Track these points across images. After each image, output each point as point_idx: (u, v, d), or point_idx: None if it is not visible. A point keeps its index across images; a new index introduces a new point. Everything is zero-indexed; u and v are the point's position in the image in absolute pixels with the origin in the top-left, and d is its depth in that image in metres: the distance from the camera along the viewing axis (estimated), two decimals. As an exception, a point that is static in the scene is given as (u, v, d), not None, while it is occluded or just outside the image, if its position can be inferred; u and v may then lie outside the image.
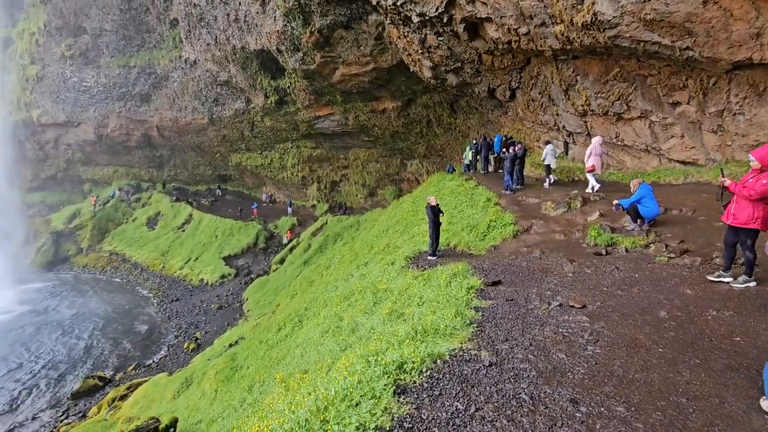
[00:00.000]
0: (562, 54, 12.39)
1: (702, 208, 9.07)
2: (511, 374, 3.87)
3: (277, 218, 38.01)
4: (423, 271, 9.12)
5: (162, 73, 37.42)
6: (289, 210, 38.49)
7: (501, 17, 12.38)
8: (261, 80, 28.95)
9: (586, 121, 14.08)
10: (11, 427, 16.88)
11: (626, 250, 7.77)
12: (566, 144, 16.11)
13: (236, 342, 18.17)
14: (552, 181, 14.01)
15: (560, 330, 4.85)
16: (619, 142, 13.21)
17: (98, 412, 16.53)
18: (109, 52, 39.92)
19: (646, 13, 8.81)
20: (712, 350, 4.18)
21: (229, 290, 29.08)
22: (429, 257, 10.37)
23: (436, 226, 10.24)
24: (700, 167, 11.14)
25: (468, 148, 20.21)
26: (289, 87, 28.15)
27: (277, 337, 13.31)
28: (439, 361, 4.12)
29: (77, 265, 39.43)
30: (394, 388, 3.65)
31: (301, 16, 20.79)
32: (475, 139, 20.52)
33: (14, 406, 18.18)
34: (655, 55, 9.80)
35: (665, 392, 3.52)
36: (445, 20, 14.35)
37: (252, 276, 30.63)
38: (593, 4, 9.54)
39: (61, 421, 16.97)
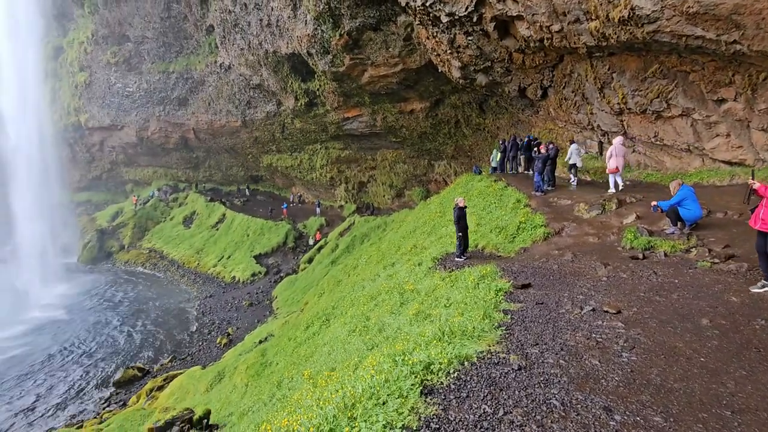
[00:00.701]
0: (597, 51, 11.98)
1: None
2: (541, 379, 3.79)
3: (305, 218, 38.72)
4: (450, 272, 9.06)
5: (198, 78, 38.94)
6: (318, 210, 39.13)
7: (533, 15, 12.12)
8: (291, 83, 29.58)
9: (622, 120, 13.55)
10: (60, 410, 18.05)
11: (665, 255, 7.43)
12: (600, 144, 15.57)
13: (266, 338, 18.65)
14: (576, 181, 13.99)
15: (593, 335, 4.71)
16: (658, 142, 12.62)
17: (137, 401, 17.38)
18: (150, 58, 41.94)
19: (688, 6, 8.39)
20: (760, 361, 3.95)
21: (260, 288, 29.86)
22: (456, 259, 10.29)
23: (463, 227, 10.15)
24: (747, 168, 10.49)
25: (495, 150, 20.04)
26: (318, 89, 28.62)
27: (305, 335, 13.57)
28: (466, 363, 4.10)
29: (119, 261, 41.63)
30: (421, 388, 3.67)
31: (330, 20, 21.10)
32: (504, 140, 20.20)
33: (63, 393, 19.42)
34: (699, 50, 9.31)
35: (707, 404, 3.36)
36: (474, 19, 14.19)
37: (281, 274, 31.33)
38: (631, -2, 9.18)
39: (104, 408, 17.97)
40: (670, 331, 4.68)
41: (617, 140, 11.67)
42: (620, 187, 11.77)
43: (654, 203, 8.51)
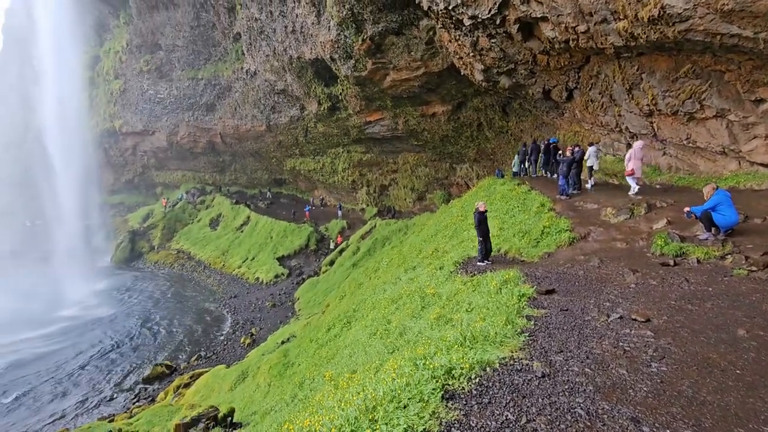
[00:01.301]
0: (626, 51, 11.66)
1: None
2: (566, 387, 3.72)
3: (327, 221, 39.14)
4: (472, 276, 8.99)
5: (226, 84, 40.11)
6: (339, 213, 39.50)
7: (558, 16, 11.92)
8: (315, 88, 30.06)
9: (652, 122, 13.11)
10: (93, 405, 18.84)
11: (698, 261, 7.14)
12: (629, 146, 15.09)
13: (288, 339, 18.92)
14: (593, 182, 13.95)
15: (620, 344, 4.58)
16: (691, 144, 12.15)
17: (165, 398, 17.95)
18: (180, 66, 43.51)
19: (723, 4, 8.07)
20: (801, 376, 3.75)
21: (282, 289, 30.34)
22: (478, 263, 10.19)
23: (484, 232, 10.04)
24: (789, 171, 9.96)
25: (517, 155, 20.01)
26: (341, 94, 28.97)
27: (326, 337, 13.70)
28: (488, 369, 4.06)
29: (149, 261, 43.18)
30: (442, 392, 3.66)
31: (353, 25, 21.35)
32: (525, 144, 20.00)
33: (96, 388, 20.27)
34: (734, 48, 8.94)
35: (743, 418, 3.22)
36: (498, 22, 14.07)
37: (303, 276, 31.75)
38: (661, -4, 8.91)
39: (133, 403, 18.64)
40: (704, 342, 4.50)
41: (637, 144, 11.78)
42: (631, 192, 11.86)
43: (687, 209, 8.20)
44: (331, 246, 34.97)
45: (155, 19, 43.41)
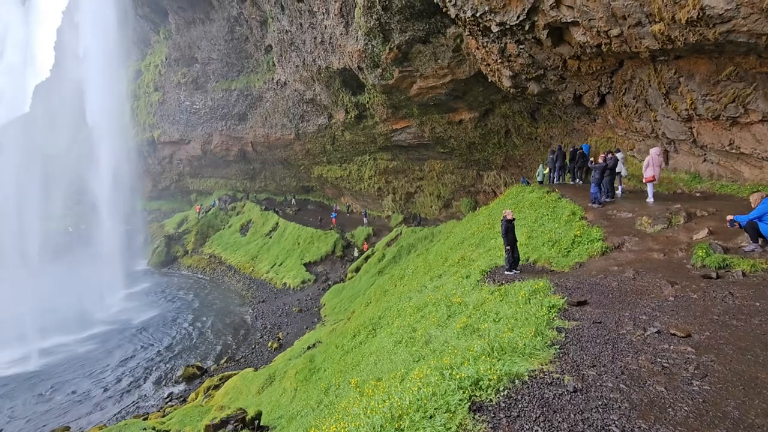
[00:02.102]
0: (662, 54, 11.25)
1: None
2: (600, 403, 3.59)
3: (353, 228, 39.45)
4: (500, 286, 8.83)
5: (257, 95, 41.43)
6: (365, 220, 39.78)
7: (589, 20, 11.66)
8: (342, 97, 30.56)
9: (691, 127, 12.54)
10: (128, 403, 19.64)
11: (743, 274, 6.73)
12: (666, 153, 14.49)
13: (314, 345, 19.11)
14: (620, 189, 14.00)
15: (658, 360, 4.37)
16: (734, 150, 11.53)
17: (196, 398, 18.48)
18: (214, 78, 45.35)
19: (769, 3, 7.68)
20: None
21: (309, 295, 30.73)
22: (506, 272, 10.00)
23: (512, 241, 9.86)
24: None
25: (541, 166, 20.00)
26: (368, 102, 29.32)
27: (352, 343, 13.75)
28: (517, 381, 3.98)
29: (183, 266, 44.80)
30: (469, 404, 3.61)
31: (381, 35, 21.64)
32: (553, 151, 19.65)
33: (132, 386, 21.14)
34: (783, 49, 8.46)
35: (795, 444, 3.00)
36: (526, 28, 13.90)
37: (329, 282, 32.06)
38: (701, -3, 8.56)
39: (166, 403, 19.31)
40: (750, 360, 4.24)
41: (654, 150, 12.06)
42: (649, 198, 12.16)
43: (730, 217, 7.77)
44: (356, 254, 35.16)
45: (192, 34, 45.51)
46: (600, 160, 13.22)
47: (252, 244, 42.19)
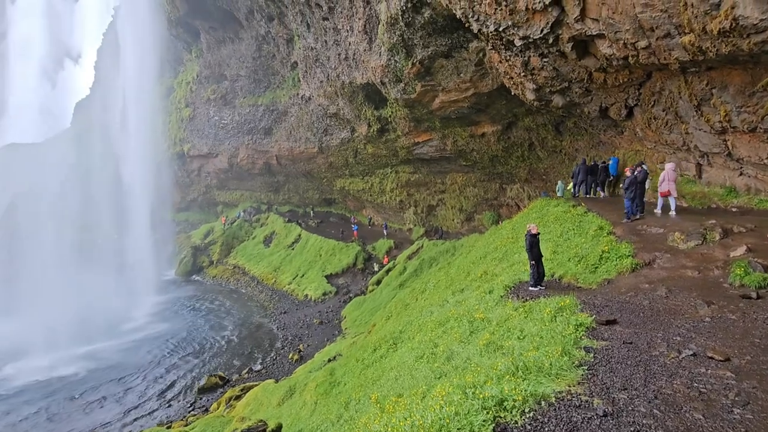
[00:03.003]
0: (692, 66, 10.94)
1: None
2: (632, 429, 3.44)
3: (375, 240, 39.54)
4: (524, 302, 8.63)
5: (282, 109, 42.60)
6: (385, 232, 39.86)
7: (615, 32, 11.50)
8: (365, 111, 31.02)
9: (725, 140, 12.06)
10: (152, 409, 20.07)
11: (788, 295, 6.36)
12: (699, 166, 13.96)
13: (334, 357, 19.08)
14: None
15: (695, 385, 4.16)
16: (775, 163, 11.00)
17: (217, 408, 18.68)
18: (242, 93, 46.99)
19: (808, 12, 7.39)
20: None
21: (330, 307, 30.82)
22: (530, 288, 9.78)
23: (536, 256, 9.66)
24: None
25: (560, 182, 19.85)
26: (390, 116, 29.63)
27: (372, 357, 13.65)
28: (543, 403, 3.86)
29: (209, 275, 45.88)
30: (493, 425, 3.53)
31: (403, 50, 21.95)
32: (578, 164, 19.35)
33: (156, 394, 21.60)
34: (825, 58, 8.09)
35: None
36: (550, 41, 13.82)
37: (350, 295, 32.08)
38: (732, 8, 8.33)
39: (189, 412, 19.60)
40: (797, 388, 3.98)
41: (669, 166, 12.28)
42: (671, 212, 12.25)
43: (771, 234, 7.40)
44: (375, 268, 35.01)
45: (222, 52, 47.47)
46: (627, 173, 12.87)
47: (275, 256, 42.84)
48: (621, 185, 13.06)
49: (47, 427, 19.11)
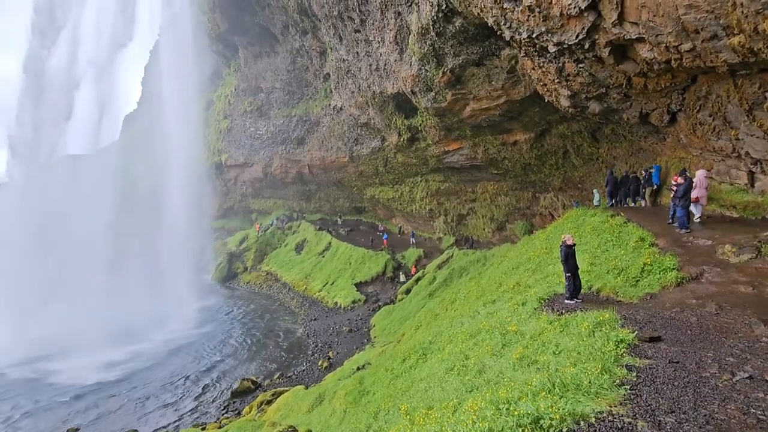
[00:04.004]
0: (742, 68, 10.32)
1: None
2: (679, 455, 3.23)
3: (404, 249, 39.45)
4: (559, 315, 8.34)
5: (315, 120, 43.66)
6: (413, 240, 39.77)
7: (656, 36, 11.04)
8: (395, 120, 31.25)
9: (783, 146, 11.26)
10: (188, 410, 20.75)
11: None
12: (751, 174, 13.07)
13: (363, 366, 19.07)
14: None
15: (752, 410, 3.86)
16: (841, 171, 10.13)
17: (249, 412, 19.06)
18: (277, 105, 48.60)
19: None
20: None
21: (359, 315, 30.91)
22: (566, 301, 9.44)
23: (572, 267, 9.31)
24: None
25: (595, 190, 19.39)
26: (420, 125, 29.68)
27: (401, 368, 13.55)
28: (582, 423, 3.70)
29: (243, 281, 47.23)
30: (528, 443, 3.42)
31: (434, 59, 22.01)
32: (627, 172, 18.62)
33: (192, 396, 22.33)
34: None
35: None
36: (586, 46, 13.45)
37: (380, 303, 32.06)
38: (789, 6, 7.83)
39: (222, 414, 20.13)
40: None
41: (700, 173, 12.33)
42: (696, 218, 12.22)
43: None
44: (402, 278, 34.73)
45: (258, 66, 49.39)
46: (679, 180, 12.24)
47: (306, 263, 43.57)
48: (673, 194, 12.34)
49: (93, 422, 20.14)
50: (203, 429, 17.98)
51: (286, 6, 38.68)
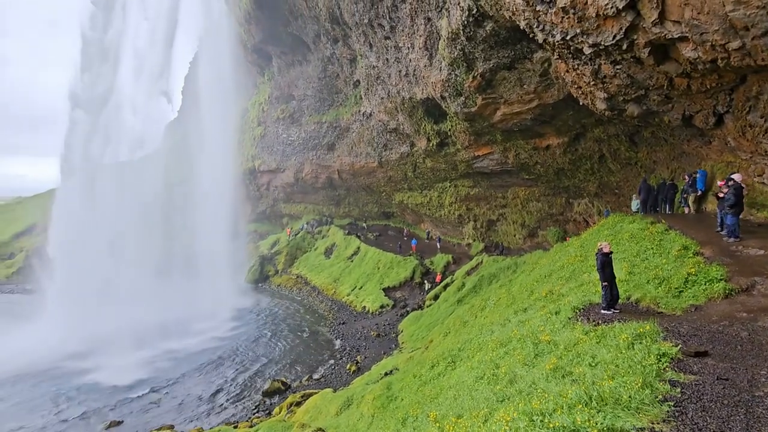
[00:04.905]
0: (800, 66, 9.66)
1: None
2: (728, 478, 3.05)
3: (432, 254, 39.16)
4: (595, 326, 8.04)
5: (344, 126, 44.31)
6: (439, 245, 39.48)
7: (701, 34, 10.52)
8: (425, 125, 31.22)
9: None
10: (220, 409, 21.37)
11: None
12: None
13: (391, 371, 19.03)
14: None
15: (810, 434, 3.58)
16: None
17: (279, 412, 19.42)
18: (308, 112, 49.72)
19: None
20: None
21: (387, 320, 30.90)
22: (603, 311, 9.08)
23: (609, 276, 8.96)
24: None
25: (634, 196, 18.84)
26: (449, 130, 29.51)
27: (430, 374, 13.44)
28: (620, 438, 3.56)
29: (274, 284, 48.33)
30: (563, 456, 3.32)
31: (464, 64, 21.87)
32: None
33: (225, 395, 23.01)
34: None
35: None
36: (624, 47, 12.98)
37: (408, 309, 31.93)
38: None
39: (253, 414, 20.61)
40: None
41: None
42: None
43: None
44: (427, 286, 34.39)
45: (291, 74, 50.78)
46: (720, 187, 11.58)
47: (335, 267, 44.07)
48: (724, 201, 11.62)
49: (133, 416, 21.13)
50: (235, 427, 18.47)
51: (318, 15, 39.63)
